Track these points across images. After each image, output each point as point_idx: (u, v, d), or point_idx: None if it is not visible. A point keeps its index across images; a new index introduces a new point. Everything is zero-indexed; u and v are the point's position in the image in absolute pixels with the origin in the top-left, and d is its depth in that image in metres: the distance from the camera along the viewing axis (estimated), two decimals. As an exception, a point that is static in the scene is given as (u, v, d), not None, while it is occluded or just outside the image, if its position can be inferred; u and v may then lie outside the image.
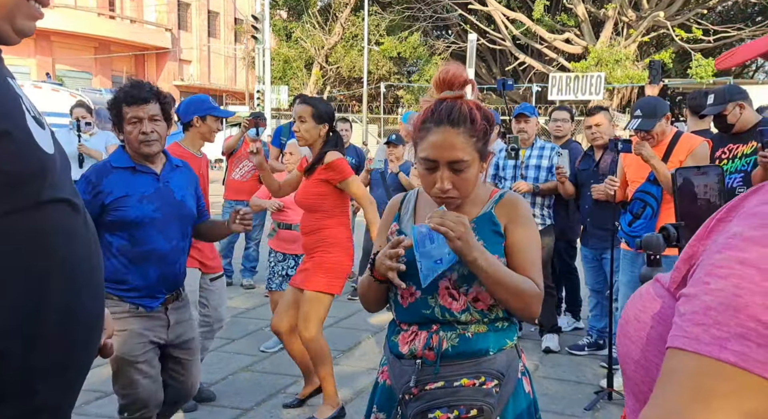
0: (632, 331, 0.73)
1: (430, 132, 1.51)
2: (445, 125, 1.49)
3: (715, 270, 0.59)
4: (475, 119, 1.50)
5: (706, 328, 0.57)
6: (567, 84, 16.42)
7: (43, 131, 1.11)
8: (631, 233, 3.60)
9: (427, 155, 1.51)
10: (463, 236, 1.43)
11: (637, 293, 0.79)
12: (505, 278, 1.49)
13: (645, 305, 0.73)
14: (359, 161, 6.47)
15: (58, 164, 1.13)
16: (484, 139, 1.53)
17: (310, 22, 24.94)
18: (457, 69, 1.55)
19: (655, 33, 20.52)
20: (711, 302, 0.58)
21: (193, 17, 30.55)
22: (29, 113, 1.09)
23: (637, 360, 0.71)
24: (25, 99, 1.11)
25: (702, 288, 0.60)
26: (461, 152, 1.49)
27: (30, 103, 1.12)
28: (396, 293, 1.64)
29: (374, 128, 24.02)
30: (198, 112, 3.48)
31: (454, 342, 1.56)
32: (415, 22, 23.72)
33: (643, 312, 0.72)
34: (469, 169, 1.52)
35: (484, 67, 24.55)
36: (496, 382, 1.53)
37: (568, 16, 21.33)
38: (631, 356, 0.72)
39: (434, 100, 1.55)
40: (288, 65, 25.77)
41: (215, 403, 3.49)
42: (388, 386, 1.65)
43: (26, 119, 1.07)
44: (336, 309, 5.52)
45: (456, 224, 1.43)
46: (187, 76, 29.88)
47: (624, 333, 0.75)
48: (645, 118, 3.52)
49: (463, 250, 1.44)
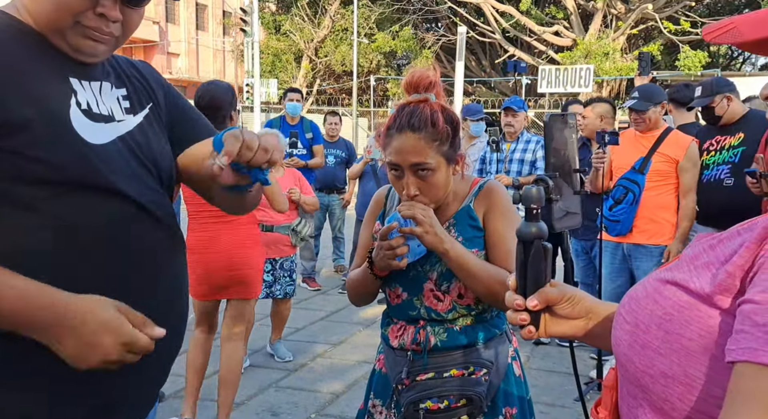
0: (656, 341, 0.66)
1: (393, 138, 1.51)
2: (406, 130, 1.49)
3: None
4: (436, 123, 1.48)
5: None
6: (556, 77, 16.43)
7: (95, 124, 1.11)
8: (611, 218, 3.65)
9: (390, 160, 1.52)
10: (430, 230, 1.46)
11: (641, 295, 0.72)
12: (476, 269, 1.49)
13: (670, 314, 0.66)
14: (349, 154, 6.47)
15: (115, 156, 1.12)
16: (449, 142, 1.52)
17: (299, 15, 24.79)
18: (424, 72, 1.54)
19: (643, 25, 20.58)
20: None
21: (181, 10, 30.29)
22: (78, 107, 1.10)
23: (665, 373, 0.65)
24: (82, 94, 1.12)
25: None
26: (423, 156, 1.48)
27: (91, 98, 1.14)
28: (385, 293, 1.67)
29: (364, 121, 23.96)
30: None
31: (442, 337, 1.58)
32: (404, 15, 23.65)
33: (670, 322, 0.65)
34: (435, 174, 1.51)
35: (474, 60, 24.53)
36: (485, 371, 1.56)
37: (557, 9, 21.35)
38: (656, 368, 0.66)
39: (398, 106, 1.55)
40: (277, 58, 25.60)
41: (206, 397, 3.48)
42: (384, 374, 1.69)
43: (69, 111, 1.08)
44: (327, 303, 5.53)
45: (424, 218, 1.46)
46: (176, 70, 29.66)
47: (642, 343, 0.68)
48: (641, 99, 3.60)
49: (434, 243, 1.47)
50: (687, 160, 3.54)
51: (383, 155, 1.57)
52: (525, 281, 0.89)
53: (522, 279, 0.89)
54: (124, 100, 1.22)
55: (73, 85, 1.12)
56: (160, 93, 1.32)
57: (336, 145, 6.38)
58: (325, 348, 4.37)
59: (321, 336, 4.63)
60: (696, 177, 3.59)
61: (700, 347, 0.62)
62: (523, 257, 0.89)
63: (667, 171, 3.58)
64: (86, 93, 1.13)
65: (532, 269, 0.89)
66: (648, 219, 3.59)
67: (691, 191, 3.56)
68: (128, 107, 1.22)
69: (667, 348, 0.65)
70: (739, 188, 3.32)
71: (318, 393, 3.59)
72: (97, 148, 1.09)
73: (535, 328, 0.90)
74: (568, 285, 0.92)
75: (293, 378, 3.80)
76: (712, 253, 0.67)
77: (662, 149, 3.57)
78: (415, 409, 1.53)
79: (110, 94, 1.19)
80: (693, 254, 0.70)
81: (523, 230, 0.90)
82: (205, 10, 31.73)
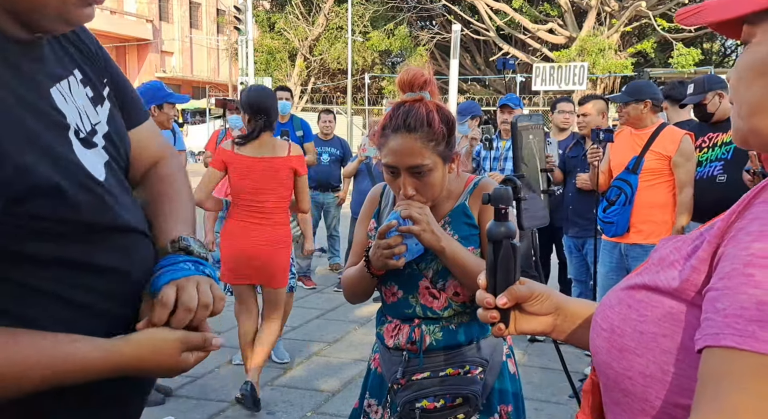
0: (632, 343, 0.67)
1: (388, 138, 1.50)
2: (402, 130, 1.48)
3: (758, 261, 0.55)
4: (432, 123, 1.48)
5: (762, 324, 0.53)
6: (551, 74, 16.47)
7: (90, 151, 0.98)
8: (605, 220, 3.66)
9: (387, 162, 1.51)
10: (428, 228, 1.46)
11: (614, 302, 0.73)
12: (472, 267, 1.49)
13: (643, 315, 0.67)
14: (344, 152, 6.46)
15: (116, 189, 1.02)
16: (445, 142, 1.51)
17: (293, 13, 24.74)
18: (418, 70, 1.53)
19: (637, 23, 20.63)
20: (762, 296, 0.53)
21: (175, 8, 30.17)
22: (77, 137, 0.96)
23: (643, 373, 0.66)
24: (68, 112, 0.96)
25: (744, 280, 0.55)
26: (419, 157, 1.47)
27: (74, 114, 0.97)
28: (381, 291, 1.67)
29: (359, 119, 23.94)
30: (154, 101, 3.46)
31: (437, 336, 1.58)
32: (399, 13, 23.64)
33: (644, 323, 0.67)
34: (432, 173, 1.50)
35: (469, 58, 24.55)
36: (480, 369, 1.56)
37: (551, 6, 21.37)
38: (635, 369, 0.67)
39: (393, 105, 1.54)
40: (272, 57, 25.55)
41: (200, 396, 3.48)
42: (379, 373, 1.68)
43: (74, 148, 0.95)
44: (322, 301, 5.53)
45: (421, 216, 1.46)
46: (170, 68, 29.55)
47: (619, 347, 0.69)
48: (623, 94, 3.66)
49: (432, 242, 1.47)
50: (679, 155, 3.52)
51: (378, 154, 1.56)
52: (495, 279, 0.91)
53: (492, 278, 0.92)
54: (87, 87, 1.04)
55: (57, 103, 0.95)
56: (103, 60, 1.12)
57: (331, 143, 6.38)
58: (321, 346, 4.37)
59: (316, 334, 4.63)
60: (691, 171, 3.55)
61: (674, 342, 0.64)
62: (492, 257, 0.92)
63: (660, 168, 3.57)
64: (68, 107, 0.97)
65: (502, 268, 0.91)
66: (644, 219, 3.59)
67: (687, 185, 3.52)
68: (93, 97, 1.04)
69: (643, 348, 0.66)
70: (732, 184, 3.33)
71: (313, 391, 3.59)
72: (105, 185, 0.99)
73: (505, 325, 0.92)
74: (537, 283, 0.95)
75: (288, 377, 3.80)
76: (677, 253, 0.69)
77: (654, 146, 3.57)
78: (411, 409, 1.53)
79: (79, 93, 1.01)
80: (659, 257, 0.72)
81: (492, 230, 0.93)
82: (199, 8, 31.62)
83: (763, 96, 0.66)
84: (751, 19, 0.66)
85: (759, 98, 0.66)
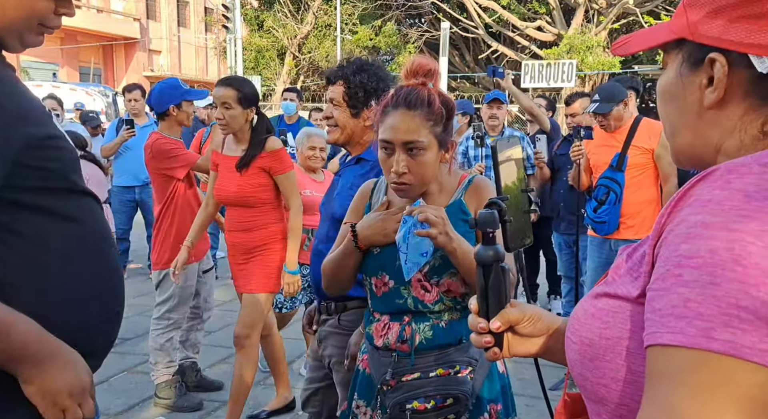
0: (601, 351, 0.70)
1: (388, 115, 1.52)
2: (402, 107, 1.51)
3: (686, 261, 0.58)
4: (432, 103, 1.50)
5: (689, 320, 0.56)
6: (539, 72, 16.51)
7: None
8: (597, 220, 3.67)
9: (383, 137, 1.52)
10: (443, 230, 1.45)
11: (580, 314, 0.75)
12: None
13: (606, 322, 0.70)
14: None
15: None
16: (443, 124, 1.53)
17: (281, 11, 24.65)
18: (424, 59, 1.56)
19: (624, 20, 20.72)
20: (689, 294, 0.57)
21: (162, 7, 29.97)
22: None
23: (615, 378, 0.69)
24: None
25: (675, 281, 0.59)
26: (416, 133, 1.50)
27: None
28: (370, 283, 1.65)
29: (349, 117, 23.88)
30: (173, 100, 3.37)
31: (427, 335, 1.57)
32: (387, 11, 23.61)
33: (608, 329, 0.70)
34: (426, 153, 1.52)
35: (458, 56, 24.57)
36: (470, 369, 1.56)
37: (540, 4, 21.43)
38: (607, 376, 0.69)
39: (397, 87, 1.57)
40: (260, 55, 25.44)
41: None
42: (367, 374, 1.67)
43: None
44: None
45: (437, 219, 1.45)
46: (158, 67, 29.36)
47: (590, 356, 0.71)
48: (603, 102, 3.62)
49: (446, 244, 1.47)
50: (661, 147, 3.52)
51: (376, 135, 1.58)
52: (487, 304, 0.91)
53: (483, 302, 0.91)
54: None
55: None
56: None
57: (321, 141, 6.40)
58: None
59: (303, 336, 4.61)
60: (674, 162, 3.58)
61: (636, 343, 0.67)
62: (483, 281, 0.91)
63: (645, 163, 3.59)
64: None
65: (493, 292, 0.90)
66: (634, 215, 3.61)
67: (672, 175, 3.54)
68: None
69: (611, 353, 0.69)
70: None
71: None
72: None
73: (499, 349, 0.92)
74: (528, 305, 0.95)
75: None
76: (630, 260, 0.72)
77: (635, 141, 3.58)
78: (402, 410, 1.53)
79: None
80: (616, 265, 0.75)
81: (481, 254, 0.91)
82: (187, 6, 31.43)
83: (678, 117, 0.74)
84: (665, 48, 0.76)
85: (675, 119, 0.75)
